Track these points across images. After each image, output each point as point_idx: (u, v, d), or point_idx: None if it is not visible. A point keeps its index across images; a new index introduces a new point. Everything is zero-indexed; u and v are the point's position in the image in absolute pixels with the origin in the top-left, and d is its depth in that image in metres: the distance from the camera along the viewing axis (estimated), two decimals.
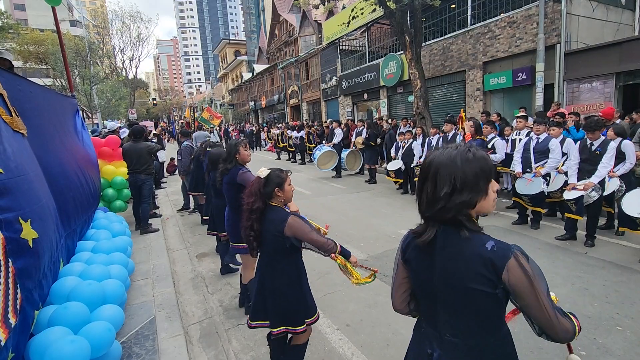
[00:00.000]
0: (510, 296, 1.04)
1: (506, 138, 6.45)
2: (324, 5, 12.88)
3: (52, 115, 3.64)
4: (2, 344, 1.65)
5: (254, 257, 2.20)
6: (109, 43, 30.80)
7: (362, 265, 2.19)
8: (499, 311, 1.09)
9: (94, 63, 25.92)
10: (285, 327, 2.10)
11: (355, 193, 8.31)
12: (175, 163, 8.78)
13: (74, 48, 22.55)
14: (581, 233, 4.60)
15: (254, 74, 32.04)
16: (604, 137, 4.55)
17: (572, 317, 1.08)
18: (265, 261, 2.13)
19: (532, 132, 5.32)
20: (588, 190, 4.28)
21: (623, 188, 4.39)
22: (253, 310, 2.20)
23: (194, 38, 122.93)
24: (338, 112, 19.12)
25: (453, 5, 11.71)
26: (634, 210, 3.95)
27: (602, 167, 4.32)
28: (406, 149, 7.82)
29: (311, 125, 13.99)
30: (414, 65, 10.13)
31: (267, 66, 29.88)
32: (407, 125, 10.12)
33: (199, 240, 5.51)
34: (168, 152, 12.31)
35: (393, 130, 10.27)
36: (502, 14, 10.23)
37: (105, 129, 9.50)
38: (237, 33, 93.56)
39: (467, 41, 11.24)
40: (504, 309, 1.10)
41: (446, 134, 6.88)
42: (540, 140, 5.12)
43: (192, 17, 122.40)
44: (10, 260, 1.84)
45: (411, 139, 7.92)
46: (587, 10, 9.16)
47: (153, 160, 6.19)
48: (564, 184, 4.83)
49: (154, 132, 11.74)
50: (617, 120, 6.37)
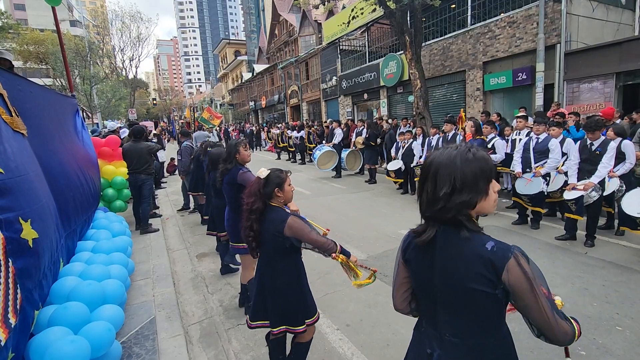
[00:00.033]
0: (509, 297, 1.04)
1: (506, 138, 6.46)
2: (324, 5, 12.89)
3: (52, 115, 3.64)
4: (2, 344, 1.65)
5: (255, 258, 2.20)
6: (109, 43, 30.82)
7: (362, 264, 2.19)
8: (499, 311, 1.09)
9: (94, 63, 25.93)
10: (285, 327, 2.11)
11: (355, 193, 8.31)
12: (175, 163, 8.79)
13: (74, 48, 22.57)
14: (581, 233, 4.60)
15: (254, 74, 32.04)
16: (604, 137, 4.55)
17: (573, 322, 1.07)
18: (265, 261, 2.14)
19: (532, 132, 5.32)
20: (588, 190, 4.28)
21: (623, 188, 4.39)
22: (253, 310, 2.20)
23: (194, 38, 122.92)
24: (338, 112, 19.12)
25: (453, 5, 11.71)
26: (634, 209, 3.96)
27: (602, 167, 4.32)
28: (406, 149, 7.82)
29: (311, 125, 13.98)
30: (414, 65, 10.13)
31: (267, 66, 29.88)
32: (407, 125, 10.13)
33: (199, 240, 5.51)
34: (168, 152, 12.32)
35: (393, 130, 10.27)
36: (502, 14, 10.23)
37: (105, 129, 9.50)
38: (237, 33, 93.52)
39: (467, 41, 11.24)
40: (504, 309, 1.10)
41: (446, 134, 6.88)
42: (540, 140, 5.12)
43: (192, 17, 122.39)
44: (10, 260, 1.84)
45: (411, 139, 7.92)
46: (587, 10, 9.17)
47: (153, 160, 6.19)
48: (564, 184, 4.83)
49: (154, 132, 11.74)
50: (617, 120, 6.37)
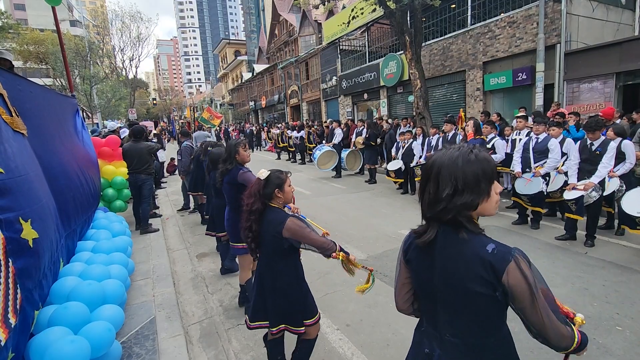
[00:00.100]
0: (508, 298, 1.04)
1: (506, 138, 6.46)
2: (324, 5, 12.89)
3: (52, 115, 3.64)
4: (2, 344, 1.65)
5: (254, 258, 2.21)
6: (109, 43, 30.80)
7: (360, 265, 2.18)
8: (499, 312, 1.08)
9: (94, 63, 25.93)
10: (284, 325, 2.11)
11: (355, 193, 8.31)
12: (175, 163, 8.79)
13: (74, 48, 22.56)
14: (581, 233, 4.60)
15: (254, 74, 32.03)
16: (604, 137, 4.55)
17: (575, 329, 1.06)
18: (264, 262, 2.14)
19: (532, 132, 5.32)
20: (588, 190, 4.28)
21: (623, 188, 4.40)
22: (252, 310, 2.20)
23: (194, 38, 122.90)
24: (338, 112, 19.12)
25: (453, 5, 11.71)
26: (634, 209, 3.96)
27: (602, 167, 4.32)
28: (406, 149, 7.82)
29: (311, 125, 13.97)
30: (414, 65, 10.13)
31: (267, 66, 29.87)
32: (407, 125, 10.13)
33: (199, 240, 5.51)
34: (168, 152, 12.32)
35: (394, 130, 10.27)
36: (502, 14, 10.23)
37: (105, 129, 9.50)
38: (237, 33, 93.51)
39: (467, 41, 11.23)
40: (505, 310, 1.09)
41: (446, 134, 6.89)
42: (539, 140, 5.12)
43: (192, 17, 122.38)
44: (10, 260, 1.84)
45: (411, 139, 7.93)
46: (587, 10, 9.16)
47: (153, 160, 6.19)
48: (564, 184, 4.83)
49: (154, 132, 11.74)
50: (617, 120, 6.37)
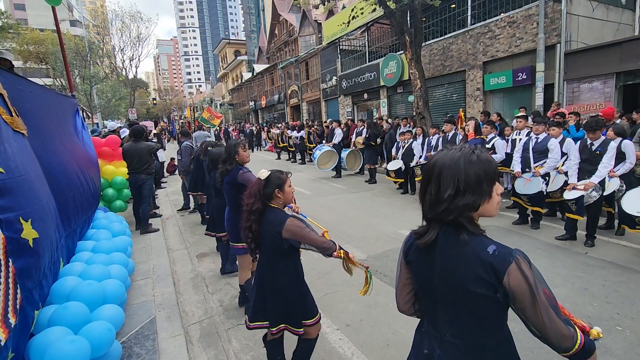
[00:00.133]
0: (509, 300, 1.04)
1: (506, 138, 6.46)
2: (324, 5, 12.89)
3: (52, 115, 3.64)
4: (2, 344, 1.65)
5: (254, 259, 2.20)
6: (109, 43, 30.80)
7: (357, 263, 2.18)
8: (500, 313, 1.08)
9: (94, 63, 25.92)
10: (284, 325, 2.11)
11: (355, 193, 8.31)
12: (175, 163, 8.79)
13: (74, 48, 22.55)
14: (581, 233, 4.60)
15: (254, 74, 32.03)
16: (604, 137, 4.55)
17: (578, 332, 1.04)
18: (264, 262, 2.14)
19: (532, 132, 5.32)
20: (588, 190, 4.28)
21: (623, 188, 4.40)
22: (252, 310, 2.20)
23: (194, 38, 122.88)
24: (338, 112, 19.12)
25: (453, 5, 11.71)
26: (634, 208, 3.96)
27: (603, 167, 4.32)
28: (406, 149, 7.82)
29: (311, 125, 13.97)
30: (414, 65, 10.13)
31: (267, 66, 29.87)
32: (408, 125, 10.13)
33: (199, 240, 5.51)
34: (168, 152, 12.32)
35: (394, 130, 10.27)
36: (502, 14, 10.23)
37: (105, 129, 9.49)
38: (237, 33, 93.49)
39: (467, 41, 11.23)
40: (506, 311, 1.09)
41: (446, 134, 6.89)
42: (539, 140, 5.12)
43: (192, 17, 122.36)
44: (10, 260, 1.84)
45: (411, 139, 7.93)
46: (587, 10, 9.16)
47: (153, 160, 6.19)
48: (564, 184, 4.83)
49: (154, 132, 11.74)
50: (617, 120, 6.37)
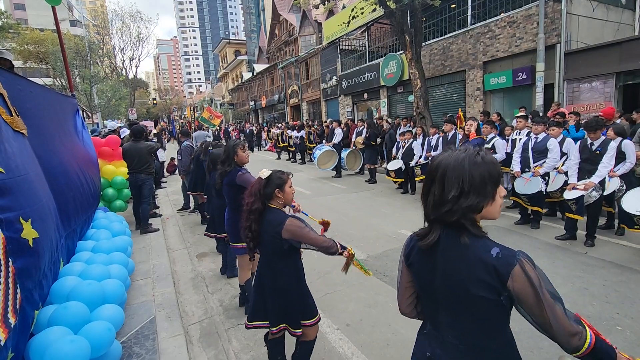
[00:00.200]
0: (514, 302, 1.03)
1: (506, 138, 6.46)
2: (324, 5, 12.88)
3: (52, 115, 3.64)
4: (2, 344, 1.65)
5: (251, 258, 2.20)
6: (109, 43, 30.79)
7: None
8: (502, 315, 1.07)
9: (94, 63, 25.92)
10: (284, 325, 2.11)
11: (355, 193, 8.31)
12: (175, 163, 8.80)
13: (74, 48, 22.56)
14: (581, 233, 4.60)
15: (254, 74, 32.03)
16: (604, 137, 4.55)
17: (588, 329, 1.02)
18: (264, 262, 2.14)
19: (531, 132, 5.32)
20: (588, 190, 4.28)
21: (623, 188, 4.40)
22: (252, 310, 2.20)
23: (194, 38, 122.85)
24: (338, 112, 19.12)
25: (453, 5, 11.71)
26: (634, 208, 3.97)
27: (603, 167, 4.32)
28: (406, 149, 7.83)
29: (311, 125, 13.97)
30: (414, 65, 10.12)
31: (267, 66, 29.87)
32: (408, 125, 10.12)
33: (199, 240, 5.51)
34: (168, 152, 12.31)
35: (394, 129, 10.26)
36: (502, 14, 10.22)
37: (105, 129, 9.49)
38: (237, 33, 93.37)
39: (467, 41, 11.23)
40: (508, 314, 1.08)
41: (446, 134, 6.89)
42: (538, 139, 5.12)
43: (192, 17, 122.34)
44: (10, 260, 1.84)
45: (411, 139, 7.93)
46: (587, 10, 9.16)
47: (153, 160, 6.19)
48: (564, 184, 4.83)
49: (154, 132, 11.73)
50: (617, 120, 6.37)
